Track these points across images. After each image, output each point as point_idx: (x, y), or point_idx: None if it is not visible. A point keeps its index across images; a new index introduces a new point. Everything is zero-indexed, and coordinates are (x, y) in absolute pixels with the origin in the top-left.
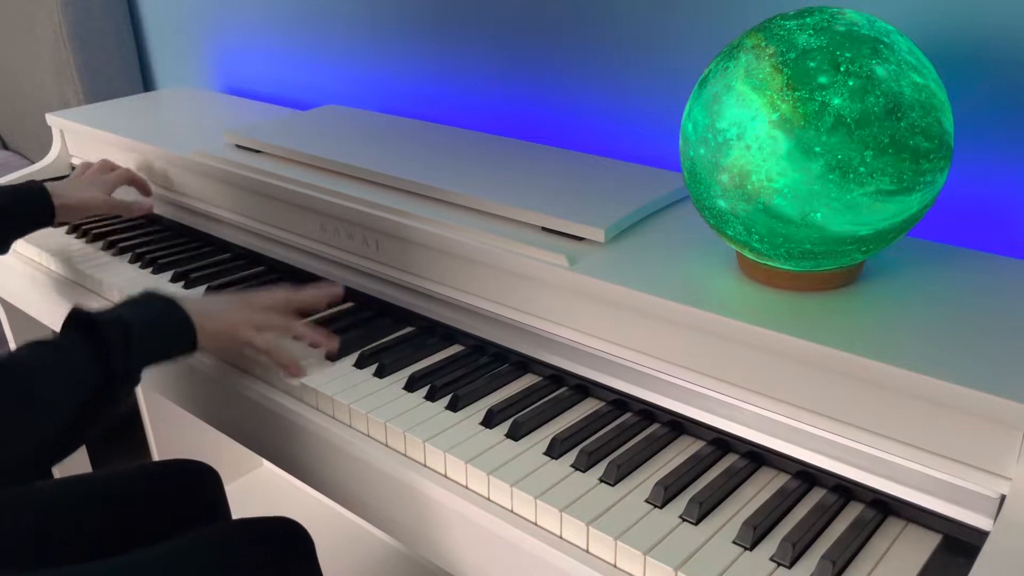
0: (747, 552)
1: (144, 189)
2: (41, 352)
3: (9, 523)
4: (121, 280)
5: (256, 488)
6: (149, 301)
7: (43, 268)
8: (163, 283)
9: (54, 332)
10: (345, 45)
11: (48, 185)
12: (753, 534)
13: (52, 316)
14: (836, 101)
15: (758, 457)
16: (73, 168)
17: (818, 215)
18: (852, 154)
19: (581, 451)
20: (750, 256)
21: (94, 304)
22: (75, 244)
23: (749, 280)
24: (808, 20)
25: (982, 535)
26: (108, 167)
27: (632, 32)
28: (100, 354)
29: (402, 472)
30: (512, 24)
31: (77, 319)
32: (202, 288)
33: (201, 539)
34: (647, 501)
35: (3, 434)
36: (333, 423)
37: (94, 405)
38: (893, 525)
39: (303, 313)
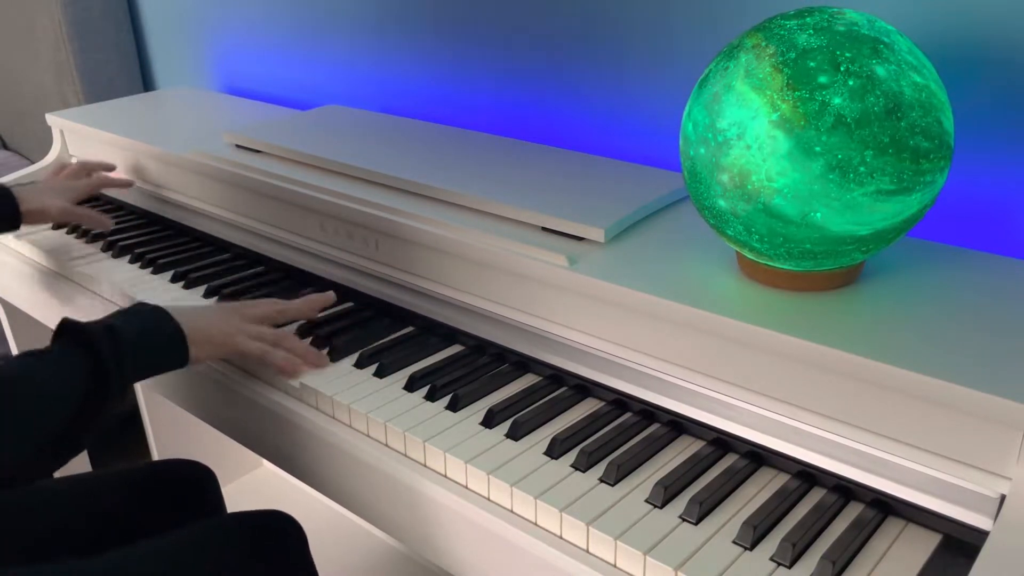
0: (747, 552)
1: (124, 185)
2: (30, 362)
3: (8, 522)
4: (121, 280)
5: (256, 488)
6: (140, 313)
7: (43, 268)
8: (163, 283)
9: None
10: (345, 45)
11: (14, 190)
12: (753, 534)
13: (52, 317)
14: (836, 101)
15: (758, 457)
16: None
17: (818, 215)
18: (852, 154)
19: (581, 451)
20: (750, 256)
21: (98, 306)
22: (75, 244)
23: (749, 280)
24: (808, 20)
25: (982, 535)
26: (82, 171)
27: (632, 32)
28: (89, 363)
29: (402, 472)
30: (512, 24)
31: (67, 328)
32: (202, 288)
33: (192, 533)
34: (647, 501)
35: None
36: (333, 423)
37: (85, 414)
38: (893, 525)
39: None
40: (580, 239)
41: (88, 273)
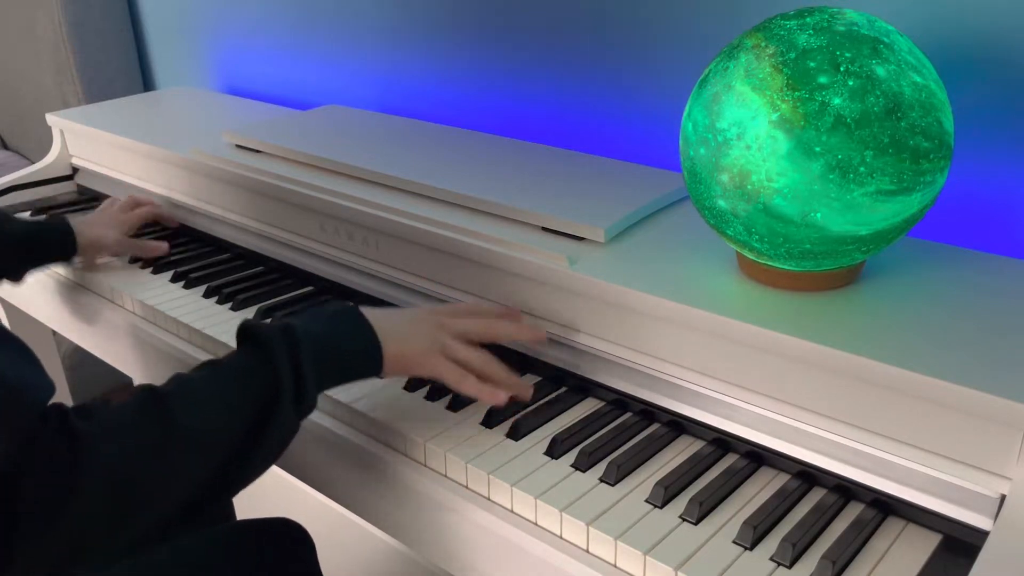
0: (747, 552)
1: (170, 221)
2: (197, 375)
3: None
4: (121, 280)
5: (257, 487)
6: (336, 317)
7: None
8: (163, 283)
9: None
10: (345, 45)
11: (72, 221)
12: (753, 534)
13: (52, 316)
14: (836, 101)
15: (758, 457)
16: (92, 200)
17: (818, 215)
18: (852, 154)
19: (581, 451)
20: (750, 256)
21: (97, 305)
22: None
23: (749, 280)
24: (808, 20)
25: (982, 535)
26: (132, 205)
27: (632, 32)
28: (266, 370)
29: (402, 472)
30: (513, 25)
31: (244, 332)
32: (202, 287)
33: (200, 540)
34: (647, 501)
35: (148, 473)
36: (332, 422)
37: (259, 430)
38: (893, 525)
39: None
40: (580, 239)
41: (88, 273)
